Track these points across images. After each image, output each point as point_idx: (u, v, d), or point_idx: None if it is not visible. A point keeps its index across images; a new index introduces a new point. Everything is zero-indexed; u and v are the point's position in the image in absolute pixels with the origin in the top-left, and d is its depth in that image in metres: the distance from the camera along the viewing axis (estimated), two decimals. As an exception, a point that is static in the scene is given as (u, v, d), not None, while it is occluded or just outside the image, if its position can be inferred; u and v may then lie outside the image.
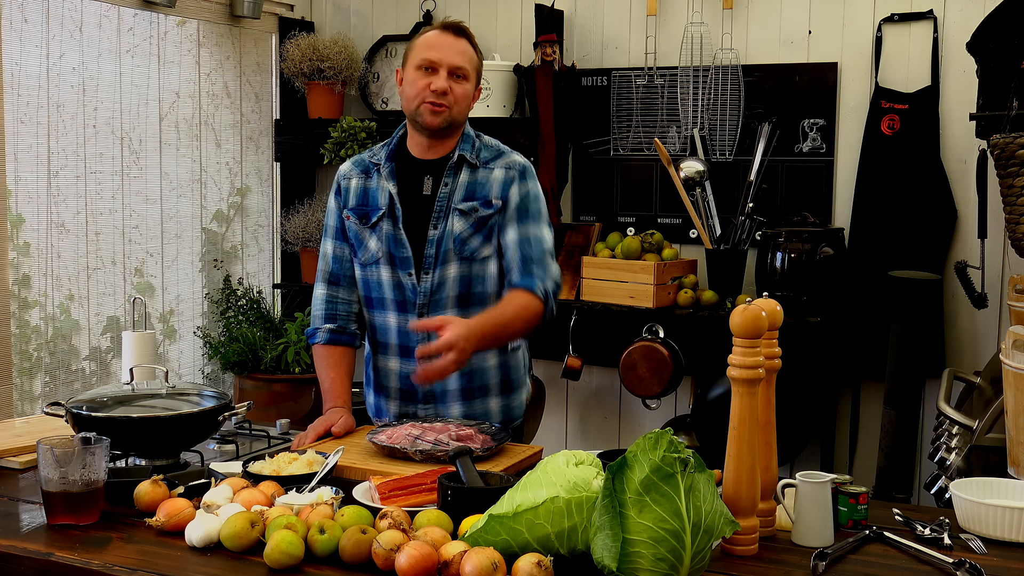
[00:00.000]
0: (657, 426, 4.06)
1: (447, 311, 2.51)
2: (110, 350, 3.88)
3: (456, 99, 2.49)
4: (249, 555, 1.73)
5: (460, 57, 2.50)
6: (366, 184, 2.60)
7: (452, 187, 2.53)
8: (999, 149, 3.06)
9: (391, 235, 2.53)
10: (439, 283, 2.51)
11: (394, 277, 2.54)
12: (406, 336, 2.55)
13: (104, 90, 3.78)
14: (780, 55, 3.89)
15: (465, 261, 2.52)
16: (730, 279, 3.82)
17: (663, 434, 1.59)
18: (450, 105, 2.49)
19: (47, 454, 1.86)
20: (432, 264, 2.51)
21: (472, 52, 2.54)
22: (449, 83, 2.48)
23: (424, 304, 2.52)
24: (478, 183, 2.54)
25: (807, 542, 1.81)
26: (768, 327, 1.79)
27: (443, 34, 2.52)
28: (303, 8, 4.63)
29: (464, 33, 2.55)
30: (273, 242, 4.62)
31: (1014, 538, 1.83)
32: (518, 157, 2.60)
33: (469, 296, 2.54)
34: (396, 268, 2.54)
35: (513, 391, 2.64)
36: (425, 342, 2.41)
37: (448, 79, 2.48)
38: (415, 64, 2.51)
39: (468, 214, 2.51)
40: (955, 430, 2.98)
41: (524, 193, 2.55)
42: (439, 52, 2.49)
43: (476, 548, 1.60)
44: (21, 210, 3.51)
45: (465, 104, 2.53)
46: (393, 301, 2.56)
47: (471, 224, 2.51)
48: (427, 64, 2.49)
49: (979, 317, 3.65)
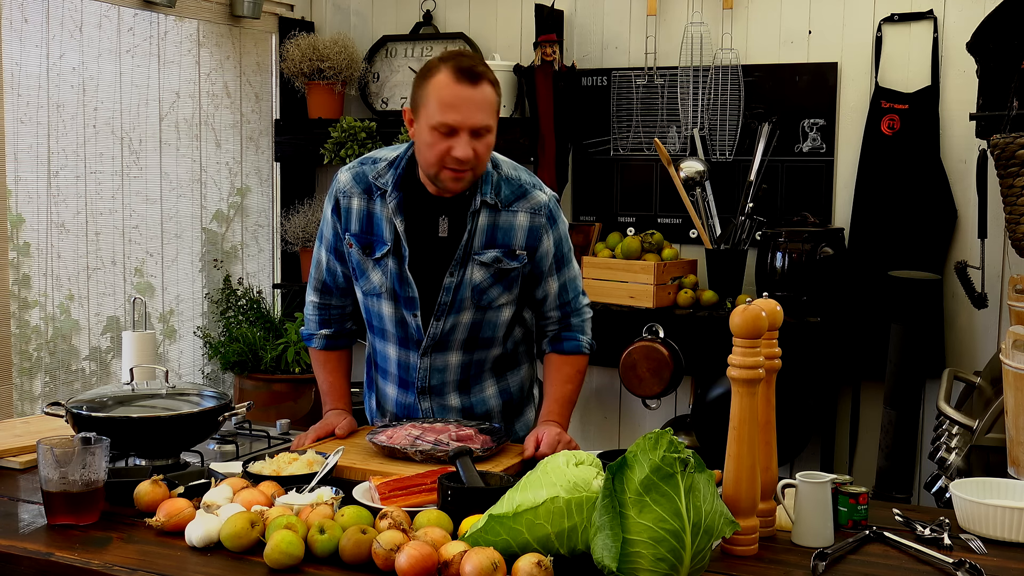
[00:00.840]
0: (657, 426, 4.06)
1: (451, 353, 2.42)
2: (110, 350, 3.88)
3: (480, 158, 2.24)
4: (249, 555, 1.73)
5: (483, 113, 2.22)
6: (369, 207, 2.37)
7: (472, 231, 2.33)
8: (999, 149, 3.06)
9: (395, 273, 2.36)
10: (449, 329, 2.39)
11: (397, 314, 2.40)
12: (405, 370, 2.47)
13: (104, 90, 3.78)
14: (780, 55, 3.89)
15: (481, 309, 2.38)
16: (730, 279, 3.82)
17: (663, 434, 1.59)
18: (473, 167, 2.24)
19: (47, 454, 1.86)
20: (446, 311, 2.36)
21: (494, 97, 2.25)
22: (472, 144, 2.21)
23: (429, 346, 2.40)
24: (500, 228, 2.35)
25: (807, 542, 1.81)
26: (768, 327, 1.79)
27: (460, 86, 2.20)
28: (303, 8, 4.63)
29: (483, 77, 2.23)
30: (273, 242, 4.62)
31: (1014, 538, 1.83)
32: (541, 196, 2.39)
33: (476, 340, 2.43)
34: (400, 306, 2.39)
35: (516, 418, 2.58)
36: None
37: (471, 140, 2.21)
38: (431, 124, 2.22)
39: (489, 265, 2.34)
40: (955, 430, 2.98)
41: (557, 239, 2.40)
42: (459, 114, 2.20)
43: (476, 548, 1.60)
44: (21, 210, 3.51)
45: (488, 155, 2.28)
46: (395, 335, 2.44)
47: (491, 275, 2.35)
48: (446, 129, 2.20)
49: (979, 317, 3.65)
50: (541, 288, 2.44)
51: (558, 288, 2.45)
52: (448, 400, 2.48)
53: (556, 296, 2.45)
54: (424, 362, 2.43)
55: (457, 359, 2.44)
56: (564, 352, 2.47)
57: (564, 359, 2.47)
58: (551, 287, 2.44)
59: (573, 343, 2.47)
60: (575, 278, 2.48)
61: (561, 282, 2.45)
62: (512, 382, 2.54)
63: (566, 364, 2.47)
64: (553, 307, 2.46)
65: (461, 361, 2.44)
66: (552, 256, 2.41)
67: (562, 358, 2.47)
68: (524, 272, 2.40)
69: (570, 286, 2.47)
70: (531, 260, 2.39)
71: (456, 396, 2.48)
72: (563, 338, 2.48)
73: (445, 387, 2.46)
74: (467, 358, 2.44)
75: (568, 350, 2.47)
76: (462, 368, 2.45)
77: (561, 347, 2.48)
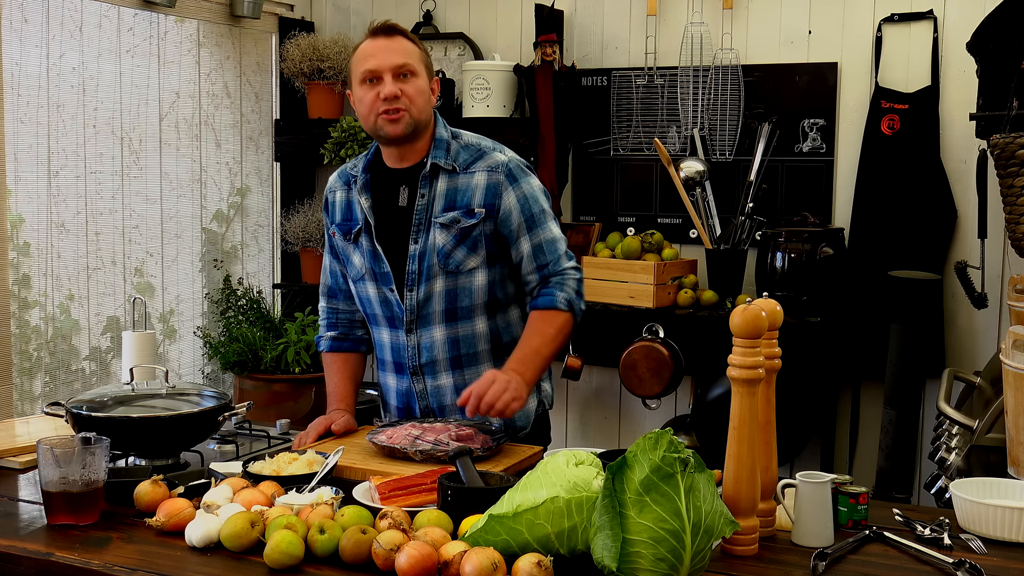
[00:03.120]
0: (657, 426, 4.06)
1: (434, 327, 2.44)
2: (110, 350, 3.88)
3: (411, 98, 2.37)
4: (249, 555, 1.73)
5: (399, 55, 2.38)
6: (348, 196, 2.52)
7: (429, 198, 2.41)
8: (999, 149, 3.06)
9: (369, 250, 2.46)
10: (425, 298, 2.43)
11: (380, 293, 2.48)
12: (397, 352, 2.51)
13: (104, 90, 3.79)
14: (780, 55, 3.89)
15: (451, 275, 2.42)
16: (730, 279, 3.82)
17: (663, 434, 1.59)
18: (406, 107, 2.36)
19: (47, 454, 1.86)
20: (416, 280, 2.42)
21: (412, 46, 2.41)
22: (398, 85, 2.36)
23: (412, 320, 2.45)
24: (458, 190, 2.41)
25: (807, 542, 1.81)
26: (768, 327, 1.79)
27: (375, 40, 2.40)
28: (303, 8, 4.63)
29: (396, 30, 2.42)
30: (273, 242, 4.62)
31: (1014, 538, 1.83)
32: (501, 156, 2.45)
33: (456, 311, 2.45)
34: (379, 284, 2.47)
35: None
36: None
37: (395, 82, 2.36)
38: (358, 79, 2.40)
39: (449, 226, 2.40)
40: (955, 430, 2.98)
41: (520, 197, 2.43)
42: (376, 59, 2.37)
43: (476, 548, 1.60)
44: (21, 210, 3.51)
45: (423, 101, 2.39)
46: (383, 317, 2.50)
47: (454, 236, 2.40)
48: (369, 75, 2.38)
49: (979, 317, 3.65)
50: (515, 250, 2.45)
51: (531, 250, 2.45)
52: (440, 379, 2.48)
53: (531, 258, 2.45)
54: (411, 339, 2.46)
55: (442, 334, 2.45)
56: (537, 307, 2.45)
57: (537, 314, 2.45)
58: (524, 248, 2.45)
59: (547, 298, 2.44)
60: (553, 241, 2.47)
61: (535, 243, 2.45)
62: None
63: (538, 318, 2.44)
64: (530, 270, 2.46)
65: (447, 336, 2.45)
66: (519, 215, 2.42)
67: (535, 313, 2.46)
68: (487, 232, 2.41)
69: (547, 248, 2.46)
70: (495, 219, 2.41)
71: (448, 375, 2.48)
72: (539, 295, 2.47)
73: (436, 365, 2.47)
74: (452, 332, 2.45)
75: (541, 305, 2.45)
76: (450, 344, 2.45)
77: (536, 303, 2.46)
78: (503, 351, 2.49)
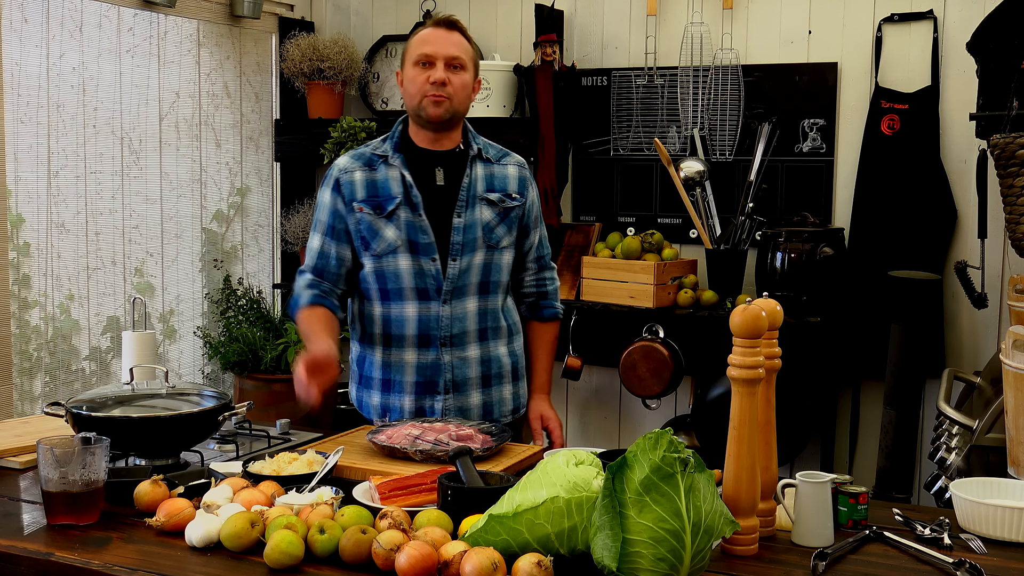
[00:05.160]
0: (657, 426, 4.06)
1: (468, 299, 2.59)
2: (110, 350, 3.88)
3: (455, 89, 2.55)
4: (249, 555, 1.73)
5: (455, 48, 2.56)
6: (372, 176, 2.60)
7: (472, 177, 2.61)
8: (999, 149, 3.06)
9: (410, 222, 2.56)
10: (465, 269, 2.58)
11: (415, 265, 2.56)
12: (426, 324, 2.58)
13: (104, 90, 3.78)
14: (780, 55, 3.89)
15: (490, 249, 2.61)
16: (730, 279, 3.82)
17: (663, 434, 1.59)
18: (450, 96, 2.54)
19: (47, 454, 1.86)
20: (459, 251, 2.57)
21: (466, 44, 2.61)
22: (447, 74, 2.54)
23: (449, 291, 2.57)
24: (495, 177, 2.64)
25: (807, 542, 1.81)
26: (768, 327, 1.79)
27: (436, 29, 2.59)
28: (303, 8, 4.63)
29: (456, 26, 2.61)
30: (273, 242, 4.62)
31: (1014, 538, 1.83)
32: (520, 157, 2.75)
33: (488, 284, 2.63)
34: (419, 255, 2.56)
35: (519, 379, 2.75)
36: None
37: (446, 70, 2.54)
38: (412, 61, 2.57)
39: (495, 204, 2.62)
40: (955, 430, 2.98)
41: (535, 196, 2.73)
42: (433, 46, 2.55)
43: (476, 548, 1.60)
44: (21, 210, 3.51)
45: (465, 94, 2.59)
46: (413, 290, 2.57)
47: (498, 213, 2.62)
48: (423, 59, 2.55)
49: (979, 317, 3.65)
50: (529, 237, 2.71)
51: (538, 240, 2.75)
52: (468, 351, 2.61)
53: (537, 247, 2.74)
54: (446, 309, 2.58)
55: (474, 305, 2.61)
56: (545, 319, 2.79)
57: (545, 327, 2.80)
58: (534, 237, 2.74)
59: (551, 311, 2.79)
60: (546, 237, 2.80)
61: (540, 235, 2.76)
62: (515, 346, 2.73)
63: (547, 331, 2.80)
64: (533, 258, 2.74)
65: (478, 307, 2.62)
66: (536, 209, 2.73)
67: (543, 325, 2.79)
68: (517, 216, 2.67)
69: (544, 243, 2.78)
70: (524, 207, 2.68)
71: (476, 347, 2.63)
72: (542, 306, 2.78)
73: (466, 336, 2.61)
74: (483, 304, 2.63)
75: (548, 317, 2.79)
76: (479, 316, 2.63)
77: (541, 315, 2.79)
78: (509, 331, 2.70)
